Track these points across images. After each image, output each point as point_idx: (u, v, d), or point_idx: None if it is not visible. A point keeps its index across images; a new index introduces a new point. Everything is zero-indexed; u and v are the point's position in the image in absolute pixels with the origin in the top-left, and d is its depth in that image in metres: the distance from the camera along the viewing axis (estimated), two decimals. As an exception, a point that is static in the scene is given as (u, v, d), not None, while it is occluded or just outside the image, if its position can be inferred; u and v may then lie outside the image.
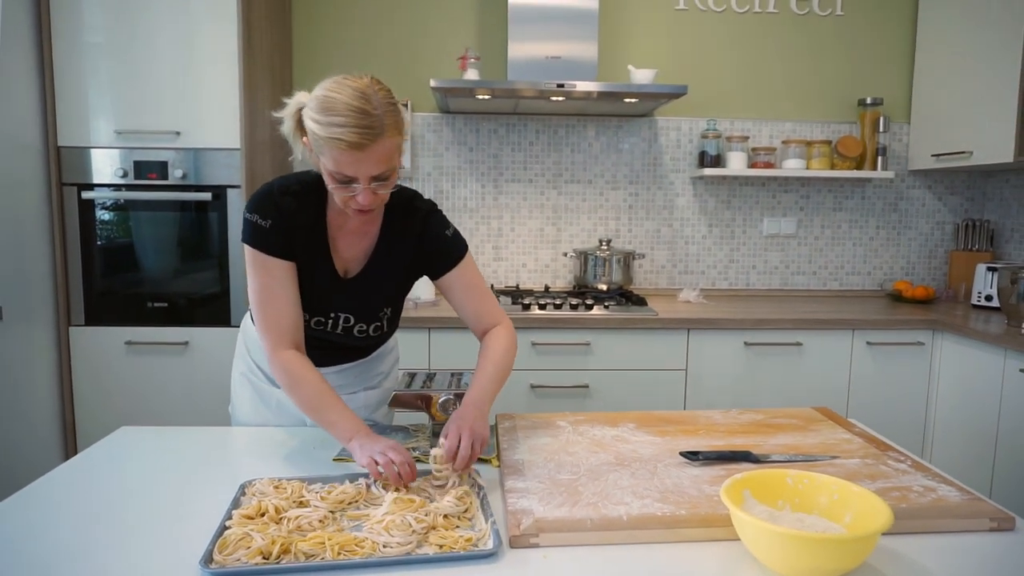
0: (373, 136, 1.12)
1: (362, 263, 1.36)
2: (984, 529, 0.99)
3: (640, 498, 1.04)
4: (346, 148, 1.11)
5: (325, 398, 1.22)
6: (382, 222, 1.36)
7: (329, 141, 1.12)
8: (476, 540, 0.94)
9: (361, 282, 1.36)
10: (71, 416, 2.47)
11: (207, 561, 0.87)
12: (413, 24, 2.94)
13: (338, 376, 1.48)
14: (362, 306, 1.37)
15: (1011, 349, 2.21)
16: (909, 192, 3.15)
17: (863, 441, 1.31)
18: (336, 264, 1.34)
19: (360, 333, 1.39)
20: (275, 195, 1.27)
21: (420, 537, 0.94)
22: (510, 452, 1.25)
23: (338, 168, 1.15)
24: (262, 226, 1.25)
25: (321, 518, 0.98)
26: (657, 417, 1.45)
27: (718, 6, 3.01)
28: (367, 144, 1.12)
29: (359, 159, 1.13)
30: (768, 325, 2.50)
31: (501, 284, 3.07)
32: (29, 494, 1.10)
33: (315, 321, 1.36)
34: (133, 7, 2.35)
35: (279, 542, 0.90)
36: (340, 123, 1.11)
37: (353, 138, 1.10)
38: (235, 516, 0.98)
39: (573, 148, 3.04)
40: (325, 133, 1.12)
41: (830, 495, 0.95)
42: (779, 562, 0.84)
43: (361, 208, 1.20)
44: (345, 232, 1.34)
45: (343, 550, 0.90)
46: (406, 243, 1.36)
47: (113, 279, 2.46)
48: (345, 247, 1.34)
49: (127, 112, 2.39)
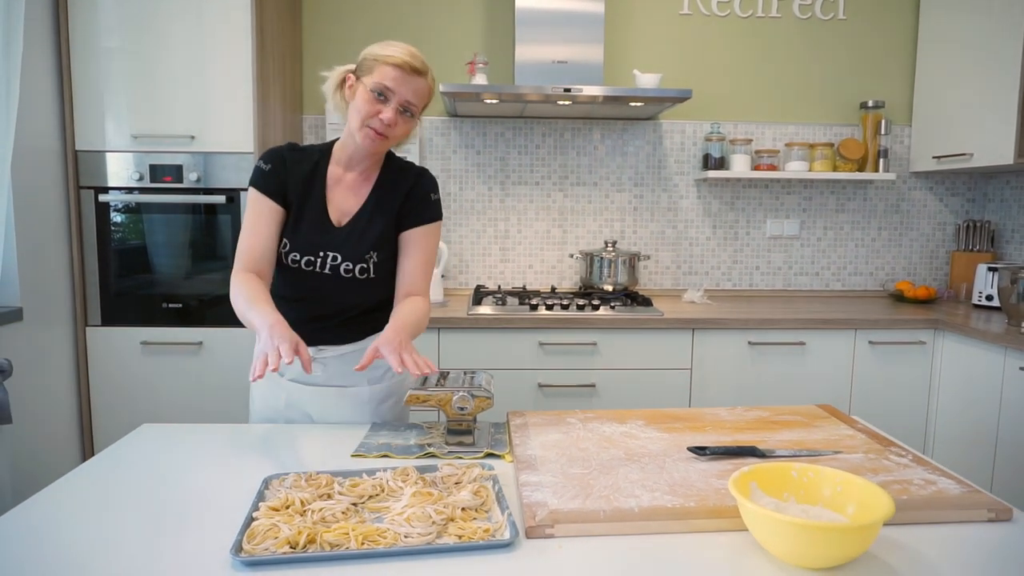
0: (419, 69, 1.37)
1: (353, 213, 1.49)
2: (982, 520, 1.03)
3: (650, 491, 1.08)
4: (397, 65, 1.35)
5: (256, 300, 1.32)
6: (376, 180, 1.50)
7: (385, 58, 1.36)
8: (493, 531, 0.97)
9: (350, 228, 1.47)
10: (88, 415, 2.52)
11: (237, 550, 0.92)
12: (421, 29, 2.99)
13: (339, 362, 1.52)
14: (349, 248, 1.46)
15: (1011, 348, 2.24)
16: (910, 193, 3.19)
17: (865, 437, 1.35)
18: (331, 213, 1.47)
19: (347, 273, 1.47)
20: (283, 148, 1.49)
21: (440, 528, 0.97)
22: (522, 448, 1.29)
23: (382, 80, 1.35)
24: (263, 168, 1.45)
25: (344, 510, 1.02)
26: (665, 414, 1.49)
27: (721, 11, 3.05)
28: (416, 69, 1.36)
29: (402, 80, 1.36)
30: (772, 325, 2.54)
31: (508, 285, 3.11)
32: (56, 490, 1.14)
33: (306, 261, 1.46)
34: (148, 13, 2.40)
35: (305, 532, 0.94)
36: (398, 49, 1.37)
37: (407, 58, 1.36)
38: (262, 508, 1.02)
39: (579, 151, 3.08)
40: (383, 51, 1.36)
41: (833, 487, 0.99)
42: (785, 550, 0.88)
43: (380, 129, 1.37)
44: (342, 186, 1.49)
45: (367, 540, 0.94)
46: (395, 195, 1.50)
47: (129, 280, 2.51)
48: (341, 199, 1.48)
49: (143, 116, 2.44)
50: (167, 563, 0.91)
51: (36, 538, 0.97)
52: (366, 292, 1.51)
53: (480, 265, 3.11)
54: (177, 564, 0.91)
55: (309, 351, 1.49)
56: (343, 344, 1.53)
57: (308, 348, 1.49)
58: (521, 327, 2.49)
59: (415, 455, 1.29)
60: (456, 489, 1.08)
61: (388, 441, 1.37)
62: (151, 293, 2.51)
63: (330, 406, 1.54)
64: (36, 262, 2.31)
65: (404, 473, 1.13)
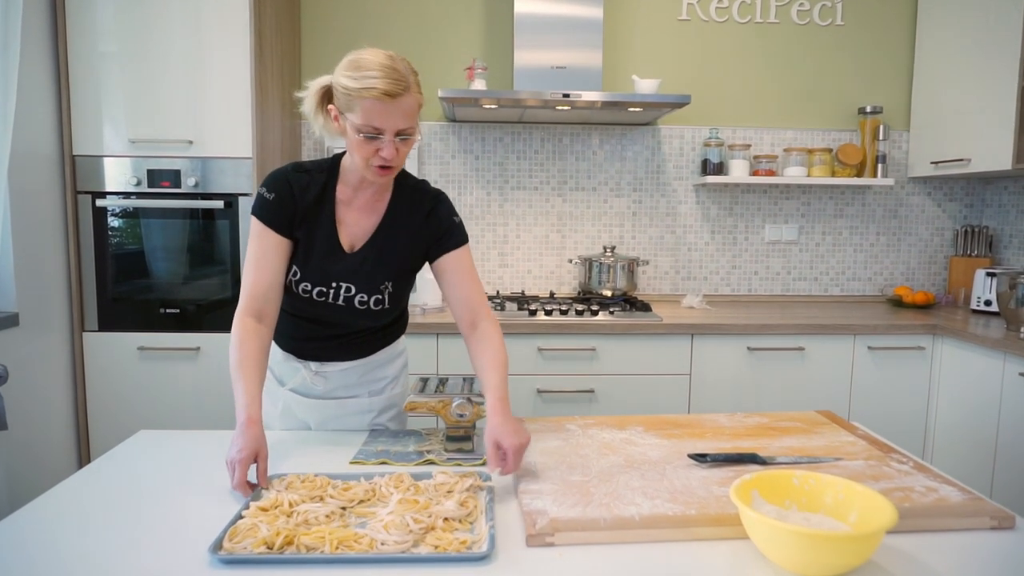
0: (402, 88, 1.22)
1: (367, 238, 1.40)
2: (985, 528, 1.02)
3: (651, 499, 1.08)
4: (378, 96, 1.20)
5: (245, 369, 1.26)
6: (389, 201, 1.41)
7: (362, 92, 1.21)
8: (472, 543, 0.96)
9: (364, 255, 1.39)
10: (85, 421, 2.51)
11: (216, 548, 0.92)
12: (420, 34, 2.99)
13: (342, 376, 1.51)
14: (363, 278, 1.39)
15: (1010, 353, 2.24)
16: (909, 199, 3.19)
17: (866, 444, 1.34)
18: (342, 238, 1.39)
19: (361, 304, 1.40)
20: (287, 172, 1.38)
21: (417, 537, 0.96)
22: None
23: (368, 120, 1.23)
24: (267, 198, 1.35)
25: (328, 513, 1.02)
26: (664, 421, 1.49)
27: (720, 16, 3.06)
28: (397, 94, 1.21)
29: (388, 110, 1.22)
30: (771, 330, 2.54)
31: (507, 290, 3.11)
32: (53, 497, 1.13)
33: (317, 292, 1.39)
34: (146, 18, 2.40)
35: (283, 534, 0.94)
36: (372, 75, 1.21)
37: (385, 86, 1.20)
38: (251, 508, 1.02)
39: (578, 156, 3.08)
40: (358, 85, 1.21)
41: (835, 495, 0.98)
42: (788, 559, 0.88)
43: (384, 164, 1.27)
44: (353, 208, 1.39)
45: (341, 544, 0.94)
46: (413, 219, 1.41)
47: (126, 286, 2.50)
48: (352, 222, 1.40)
49: (141, 121, 2.44)
50: (150, 561, 0.92)
51: (34, 545, 0.97)
52: (378, 317, 1.46)
53: (479, 270, 3.09)
54: (160, 561, 0.92)
55: (313, 364, 1.49)
56: (349, 360, 1.51)
57: (312, 363, 1.49)
58: (520, 332, 2.48)
59: (414, 462, 1.29)
60: (447, 498, 1.07)
61: (387, 448, 1.36)
62: (148, 298, 2.50)
63: (329, 417, 1.54)
64: (33, 267, 2.30)
65: (398, 479, 1.12)
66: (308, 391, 1.52)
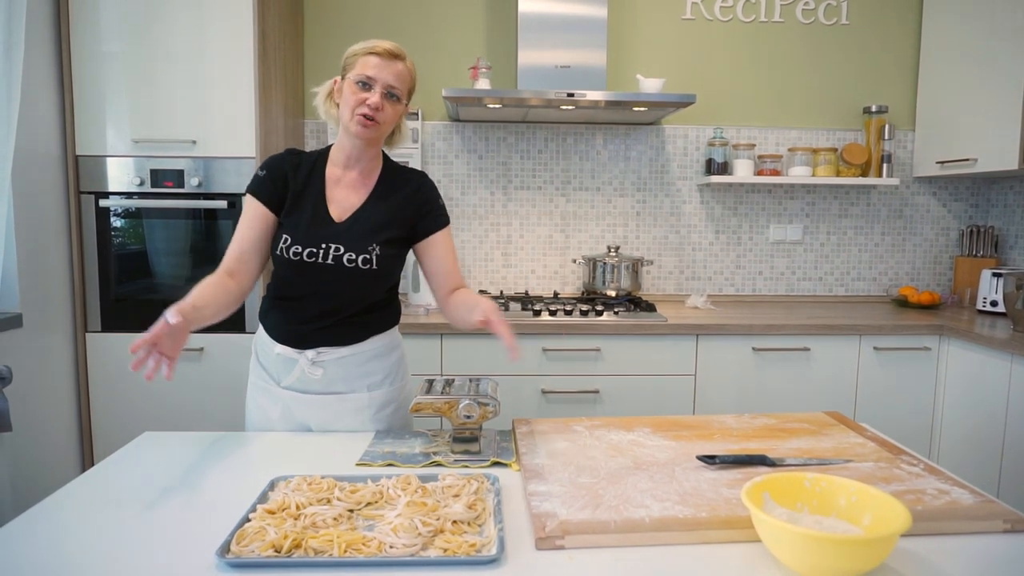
0: (397, 54, 1.44)
1: (354, 211, 1.50)
2: (998, 531, 1.01)
3: (660, 501, 1.07)
4: (375, 53, 1.42)
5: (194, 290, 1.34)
6: (376, 182, 1.53)
7: (363, 50, 1.43)
8: (481, 546, 0.95)
9: (351, 222, 1.49)
10: (88, 422, 2.50)
11: (224, 551, 0.91)
12: (424, 34, 2.98)
13: (339, 366, 1.51)
14: (352, 238, 1.47)
15: (1017, 354, 2.23)
16: (914, 198, 3.18)
17: (876, 445, 1.33)
18: (331, 211, 1.49)
19: (350, 263, 1.46)
20: (282, 154, 1.54)
21: (426, 540, 0.95)
22: (529, 456, 1.27)
23: (363, 70, 1.41)
24: (259, 175, 1.50)
25: (336, 516, 1.01)
26: (671, 422, 1.48)
27: (724, 15, 3.05)
28: (395, 56, 1.43)
29: (382, 66, 1.42)
30: (776, 331, 2.53)
31: (511, 290, 3.10)
32: (59, 499, 1.13)
33: (308, 252, 1.45)
34: (150, 17, 2.39)
35: (291, 537, 0.93)
36: (374, 41, 1.44)
37: (384, 46, 1.43)
38: (258, 510, 1.02)
39: (581, 156, 3.07)
40: (361, 47, 1.43)
41: (848, 497, 0.97)
42: (801, 563, 0.87)
43: (369, 113, 1.41)
44: (341, 186, 1.51)
45: (350, 548, 0.93)
46: (399, 194, 1.53)
47: (129, 286, 2.49)
48: (341, 198, 1.50)
49: (144, 121, 2.43)
50: (158, 564, 0.92)
51: (41, 548, 0.96)
52: (368, 286, 1.49)
53: (482, 270, 3.10)
54: (167, 565, 0.91)
55: (309, 353, 1.50)
56: (343, 346, 1.51)
57: (308, 351, 1.50)
58: (524, 333, 2.47)
59: (420, 464, 1.28)
60: (454, 501, 1.06)
61: (393, 449, 1.36)
62: (152, 299, 2.49)
63: (328, 415, 1.53)
64: (36, 268, 2.30)
65: (406, 481, 1.12)
66: (306, 387, 1.52)
